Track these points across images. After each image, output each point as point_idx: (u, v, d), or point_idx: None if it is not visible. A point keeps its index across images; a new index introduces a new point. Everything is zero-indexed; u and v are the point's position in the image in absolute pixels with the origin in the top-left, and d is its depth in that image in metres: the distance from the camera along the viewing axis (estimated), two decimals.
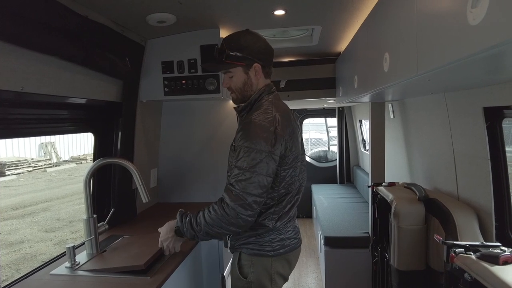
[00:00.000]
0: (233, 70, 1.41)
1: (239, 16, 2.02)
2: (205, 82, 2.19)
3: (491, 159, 1.65)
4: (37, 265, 1.62)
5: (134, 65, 2.15)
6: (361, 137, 5.21)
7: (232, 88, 1.46)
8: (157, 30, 2.08)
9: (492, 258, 1.16)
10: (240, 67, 1.40)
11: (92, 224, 1.65)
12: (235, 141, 1.35)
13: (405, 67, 1.20)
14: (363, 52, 1.99)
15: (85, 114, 1.92)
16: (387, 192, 2.20)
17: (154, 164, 2.58)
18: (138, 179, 1.70)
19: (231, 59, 1.38)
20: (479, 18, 0.70)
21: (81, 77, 1.67)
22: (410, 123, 2.66)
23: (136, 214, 2.30)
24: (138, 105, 2.24)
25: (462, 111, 1.82)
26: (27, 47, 1.27)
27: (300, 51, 3.02)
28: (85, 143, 19.97)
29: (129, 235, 1.89)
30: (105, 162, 1.72)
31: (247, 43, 1.39)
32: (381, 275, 2.43)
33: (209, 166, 2.59)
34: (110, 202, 2.08)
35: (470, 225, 1.71)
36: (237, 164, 1.29)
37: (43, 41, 1.30)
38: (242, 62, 1.39)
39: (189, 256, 1.62)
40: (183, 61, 2.20)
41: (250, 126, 1.32)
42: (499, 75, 1.24)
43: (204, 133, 2.63)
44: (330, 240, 3.09)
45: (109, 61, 1.81)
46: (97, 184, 2.05)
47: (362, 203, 4.18)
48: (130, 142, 2.20)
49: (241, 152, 1.29)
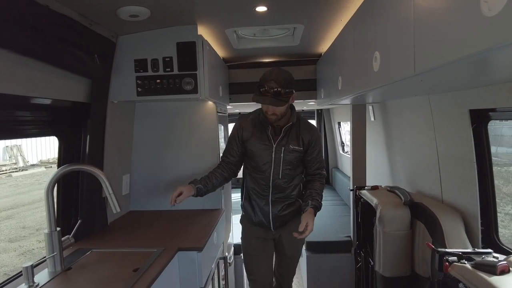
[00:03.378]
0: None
1: (218, 11, 1.90)
2: (181, 82, 2.05)
3: (477, 162, 1.63)
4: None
5: (104, 63, 1.98)
6: (339, 139, 5.21)
7: (277, 114, 1.87)
8: (130, 26, 1.93)
9: (489, 267, 1.10)
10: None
11: (55, 239, 1.47)
12: (310, 143, 1.99)
13: (400, 66, 1.13)
14: (348, 52, 1.92)
15: (48, 115, 1.73)
16: (371, 196, 2.15)
17: (126, 169, 2.41)
18: (108, 188, 1.55)
19: (286, 95, 1.82)
20: (497, 8, 0.62)
21: (42, 75, 1.50)
22: (392, 125, 2.63)
23: (107, 224, 2.13)
24: (108, 106, 2.07)
25: (447, 113, 1.79)
26: None
27: (280, 51, 2.94)
28: (55, 146, 19.08)
29: (99, 249, 1.73)
30: (70, 169, 1.55)
31: (290, 80, 1.85)
32: (365, 281, 2.38)
33: (186, 171, 2.44)
34: (78, 213, 1.90)
35: (456, 229, 1.68)
36: (319, 155, 2.06)
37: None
38: (290, 95, 1.85)
39: (162, 274, 1.48)
40: (158, 59, 2.05)
41: (318, 133, 2.10)
42: (491, 75, 1.20)
43: (181, 136, 2.48)
44: (312, 245, 3.02)
45: (75, 58, 1.64)
46: (62, 193, 1.86)
47: (342, 206, 4.16)
48: (99, 147, 2.03)
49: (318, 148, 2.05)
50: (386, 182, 2.84)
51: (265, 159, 1.97)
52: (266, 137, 1.97)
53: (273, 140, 1.96)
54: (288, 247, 2.18)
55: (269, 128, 1.96)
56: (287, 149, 1.95)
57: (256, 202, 2.06)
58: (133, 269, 1.47)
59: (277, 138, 1.96)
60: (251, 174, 2.06)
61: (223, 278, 2.29)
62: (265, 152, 1.97)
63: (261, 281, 2.18)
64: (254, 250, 2.16)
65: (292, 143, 1.96)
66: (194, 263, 1.73)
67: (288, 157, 1.96)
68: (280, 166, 1.96)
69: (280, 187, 2.00)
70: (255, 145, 1.98)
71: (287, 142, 1.96)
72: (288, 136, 1.97)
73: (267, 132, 1.97)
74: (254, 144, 1.99)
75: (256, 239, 2.15)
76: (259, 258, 2.17)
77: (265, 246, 2.16)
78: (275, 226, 2.07)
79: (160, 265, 1.51)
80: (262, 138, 1.98)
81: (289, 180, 2.01)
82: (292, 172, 2.01)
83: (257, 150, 1.98)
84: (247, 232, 2.19)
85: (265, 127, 1.97)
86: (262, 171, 1.99)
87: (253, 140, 1.99)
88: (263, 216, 2.05)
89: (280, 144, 1.95)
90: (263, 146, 1.97)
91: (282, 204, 2.03)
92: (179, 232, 1.96)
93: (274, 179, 1.99)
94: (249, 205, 2.10)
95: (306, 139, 1.98)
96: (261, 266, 2.17)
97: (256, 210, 2.07)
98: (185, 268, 1.73)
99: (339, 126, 5.13)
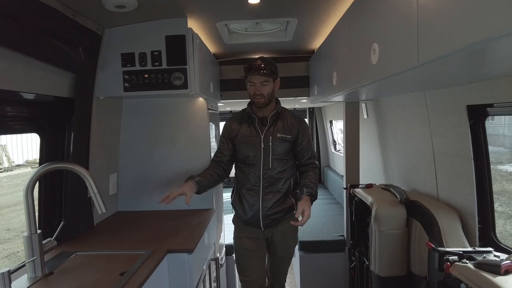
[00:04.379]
0: (269, 80, 1.96)
1: (209, 3, 1.83)
2: (170, 77, 1.97)
3: (474, 159, 1.60)
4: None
5: (89, 57, 1.89)
6: (331, 138, 5.19)
7: (264, 95, 1.95)
8: (116, 17, 1.85)
9: (493, 267, 1.06)
10: (272, 78, 1.97)
11: (35, 242, 1.38)
12: (299, 132, 2.04)
13: (402, 56, 1.07)
14: (344, 46, 1.87)
15: (29, 111, 1.63)
16: (366, 194, 2.11)
17: (113, 169, 2.31)
18: (92, 187, 1.47)
19: (272, 73, 1.96)
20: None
21: (22, 67, 1.40)
22: (386, 122, 2.60)
23: (93, 226, 2.03)
24: (94, 102, 1.98)
25: (443, 110, 1.75)
26: None
27: (272, 47, 2.87)
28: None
29: (84, 252, 1.64)
30: (52, 167, 1.46)
31: (275, 65, 2.00)
32: (359, 280, 2.34)
33: (176, 170, 2.36)
34: (61, 214, 1.80)
35: (453, 227, 1.65)
36: (309, 144, 2.09)
37: None
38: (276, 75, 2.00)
39: (151, 277, 1.40)
40: (146, 53, 1.97)
41: (305, 122, 2.15)
42: (493, 67, 1.16)
43: (171, 134, 2.39)
44: (305, 245, 2.98)
45: (57, 50, 1.55)
46: (45, 193, 1.77)
47: (334, 205, 4.13)
48: (84, 145, 1.94)
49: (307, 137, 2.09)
50: (379, 180, 2.81)
51: (254, 151, 2.00)
52: (253, 129, 2.03)
53: (260, 131, 2.01)
54: (280, 247, 2.14)
55: (256, 119, 2.02)
56: (275, 138, 2.00)
57: (246, 198, 2.03)
58: (120, 272, 1.39)
59: (264, 128, 2.01)
60: (241, 169, 2.07)
61: (214, 280, 2.22)
62: (254, 143, 2.00)
63: (253, 282, 2.12)
64: (246, 250, 2.11)
65: (279, 132, 2.01)
66: (185, 265, 1.66)
67: (277, 146, 2.00)
68: (270, 155, 1.99)
69: (272, 178, 2.00)
70: (244, 138, 2.03)
71: (274, 131, 2.01)
72: (275, 126, 2.02)
73: (255, 125, 2.03)
74: (243, 138, 2.04)
75: (248, 238, 2.10)
76: (252, 258, 2.11)
77: (257, 246, 2.11)
78: (265, 224, 2.03)
79: (149, 268, 1.43)
80: (250, 131, 2.03)
81: (280, 171, 2.02)
82: (282, 163, 2.02)
83: (245, 143, 2.02)
84: (239, 232, 2.15)
85: (252, 120, 2.03)
86: (252, 163, 2.01)
87: (241, 134, 2.04)
88: (253, 214, 2.02)
89: (267, 134, 2.00)
90: (251, 137, 2.02)
91: (274, 199, 2.00)
92: (168, 233, 1.88)
93: (265, 170, 2.00)
94: (238, 202, 2.08)
95: (295, 128, 2.04)
96: (254, 266, 2.11)
97: (246, 207, 2.04)
98: (175, 270, 1.65)
99: (331, 124, 5.10)
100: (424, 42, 0.92)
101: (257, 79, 1.94)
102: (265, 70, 1.93)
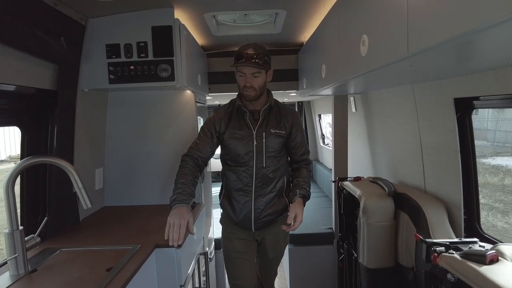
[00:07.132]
0: (261, 71, 1.78)
1: None
2: (157, 69, 1.93)
3: (460, 151, 1.62)
4: None
5: (72, 47, 1.83)
6: (320, 132, 5.21)
7: (255, 87, 1.78)
8: (101, 7, 1.79)
9: (478, 257, 1.08)
10: (264, 70, 1.79)
11: (17, 239, 1.34)
12: (292, 127, 1.90)
13: (391, 47, 1.07)
14: (333, 39, 1.86)
15: (9, 104, 1.58)
16: (354, 187, 2.12)
17: (99, 163, 2.26)
18: (77, 181, 1.43)
19: (265, 63, 1.78)
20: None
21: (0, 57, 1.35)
22: (374, 116, 2.61)
23: (79, 221, 1.99)
24: (78, 94, 1.92)
25: (431, 103, 1.77)
26: None
27: (261, 39, 2.84)
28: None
29: (69, 248, 1.60)
30: (34, 161, 1.41)
31: (268, 53, 1.83)
32: (348, 272, 2.36)
33: (163, 164, 2.32)
34: (45, 210, 1.76)
35: (440, 219, 1.67)
36: (302, 139, 1.97)
37: None
38: (268, 66, 1.82)
39: (138, 273, 1.38)
40: (132, 44, 1.92)
41: (299, 116, 2.08)
42: (481, 60, 1.16)
43: (158, 127, 2.35)
44: (293, 238, 2.99)
45: (37, 40, 1.49)
46: (27, 188, 1.71)
47: (323, 198, 4.16)
48: (69, 138, 1.88)
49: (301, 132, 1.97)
50: (368, 173, 2.83)
51: (247, 149, 1.84)
52: (244, 124, 1.86)
53: (252, 126, 1.85)
54: (271, 249, 2.06)
55: (247, 114, 1.86)
56: (268, 133, 1.84)
57: (237, 200, 1.90)
58: (107, 268, 1.36)
59: (256, 123, 1.85)
60: (231, 168, 1.90)
61: (203, 274, 2.21)
62: (246, 140, 1.84)
63: (246, 285, 2.01)
64: (236, 252, 2.00)
65: (272, 127, 1.86)
66: (173, 260, 1.64)
67: (271, 143, 1.85)
68: (263, 153, 1.84)
69: (266, 177, 1.87)
70: (234, 135, 1.85)
71: (267, 126, 1.85)
72: (267, 120, 1.87)
73: (245, 119, 1.86)
74: (233, 134, 1.85)
75: (238, 240, 1.99)
76: (243, 260, 2.00)
77: (248, 247, 2.01)
78: (256, 226, 1.92)
79: (136, 263, 1.41)
80: (240, 127, 1.85)
81: (274, 170, 1.88)
82: (276, 160, 1.89)
83: (236, 140, 1.85)
84: (229, 233, 2.03)
85: (243, 114, 1.87)
86: (244, 162, 1.85)
87: (231, 131, 1.85)
88: (244, 216, 1.91)
89: (260, 129, 1.85)
90: (242, 134, 1.84)
91: (266, 200, 1.89)
92: (156, 228, 1.85)
93: (258, 169, 1.85)
94: (228, 204, 1.95)
95: (289, 123, 1.90)
96: (246, 270, 2.01)
97: (236, 209, 1.92)
98: (163, 265, 1.63)
99: (319, 118, 5.12)
100: (414, 33, 0.92)
101: (248, 69, 1.75)
102: (257, 59, 1.73)
